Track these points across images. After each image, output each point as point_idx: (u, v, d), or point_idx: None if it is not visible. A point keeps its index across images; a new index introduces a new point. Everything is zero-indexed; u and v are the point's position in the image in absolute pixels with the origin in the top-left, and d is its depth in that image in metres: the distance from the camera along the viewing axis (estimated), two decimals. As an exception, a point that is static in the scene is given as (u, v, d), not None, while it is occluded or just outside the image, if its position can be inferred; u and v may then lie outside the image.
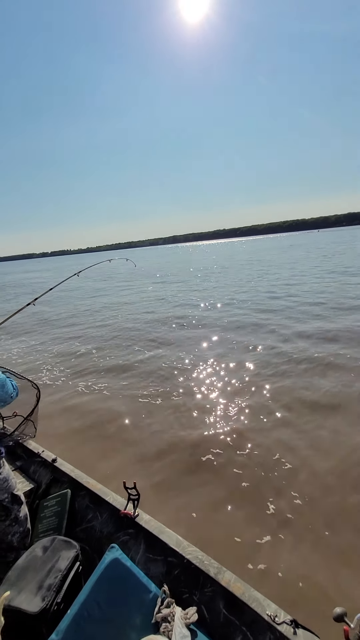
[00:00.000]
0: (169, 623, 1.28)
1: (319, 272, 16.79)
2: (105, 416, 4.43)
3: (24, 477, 2.33)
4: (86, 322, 10.54)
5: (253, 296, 12.06)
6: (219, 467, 3.24)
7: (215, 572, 1.40)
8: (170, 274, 24.69)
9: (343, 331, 6.97)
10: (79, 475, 2.12)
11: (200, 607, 1.37)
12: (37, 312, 11.83)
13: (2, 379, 1.56)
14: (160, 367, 6.00)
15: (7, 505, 1.70)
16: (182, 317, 9.93)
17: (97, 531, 1.85)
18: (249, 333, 7.69)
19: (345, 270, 16.14)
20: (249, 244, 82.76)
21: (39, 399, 2.45)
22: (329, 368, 5.27)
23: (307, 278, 15.09)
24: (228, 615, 1.31)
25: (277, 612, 1.22)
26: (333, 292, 11.10)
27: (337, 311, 8.70)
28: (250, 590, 1.31)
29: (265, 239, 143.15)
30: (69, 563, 1.47)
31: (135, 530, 1.70)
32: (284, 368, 5.46)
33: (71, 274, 3.43)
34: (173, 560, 1.53)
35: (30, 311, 4.81)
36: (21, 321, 10.88)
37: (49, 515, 2.00)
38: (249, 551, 2.35)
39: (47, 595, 1.33)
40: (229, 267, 25.25)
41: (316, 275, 15.55)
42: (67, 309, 13.28)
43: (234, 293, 13.20)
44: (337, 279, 13.78)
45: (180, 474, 3.19)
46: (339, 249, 30.67)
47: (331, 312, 8.70)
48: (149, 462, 3.38)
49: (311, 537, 2.43)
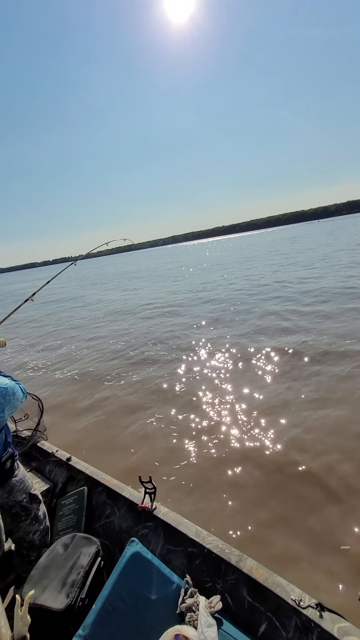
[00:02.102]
0: (194, 612, 1.28)
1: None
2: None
3: (40, 478, 2.35)
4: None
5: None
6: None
7: (236, 560, 1.40)
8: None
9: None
10: (94, 472, 2.12)
11: (224, 595, 1.37)
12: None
13: (12, 387, 1.55)
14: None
15: (26, 505, 1.72)
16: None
17: (116, 526, 1.86)
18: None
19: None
20: (245, 240, 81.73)
21: (42, 410, 2.59)
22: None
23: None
24: (252, 602, 1.31)
25: (302, 597, 1.21)
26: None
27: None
28: (274, 576, 1.31)
29: (264, 233, 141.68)
30: (90, 559, 1.48)
31: (154, 523, 1.70)
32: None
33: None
34: (194, 551, 1.53)
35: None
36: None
37: (68, 513, 2.01)
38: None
39: (71, 591, 1.34)
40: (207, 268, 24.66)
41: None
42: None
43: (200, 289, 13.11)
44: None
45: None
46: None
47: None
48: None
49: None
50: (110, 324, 10.09)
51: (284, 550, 2.24)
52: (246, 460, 3.16)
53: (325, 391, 4.15)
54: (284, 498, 2.67)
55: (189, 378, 5.21)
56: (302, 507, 2.56)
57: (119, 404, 4.73)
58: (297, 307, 8.26)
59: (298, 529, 2.39)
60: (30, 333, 10.37)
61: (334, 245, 23.13)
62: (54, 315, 13.43)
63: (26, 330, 10.93)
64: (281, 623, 1.22)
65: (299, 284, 11.03)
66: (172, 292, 14.23)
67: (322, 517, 2.45)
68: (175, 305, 11.23)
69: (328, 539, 2.28)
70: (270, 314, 8.01)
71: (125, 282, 22.24)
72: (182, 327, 8.27)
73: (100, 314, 11.96)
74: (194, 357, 6.11)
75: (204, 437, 3.61)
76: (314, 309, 7.79)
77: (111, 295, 16.72)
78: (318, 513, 2.49)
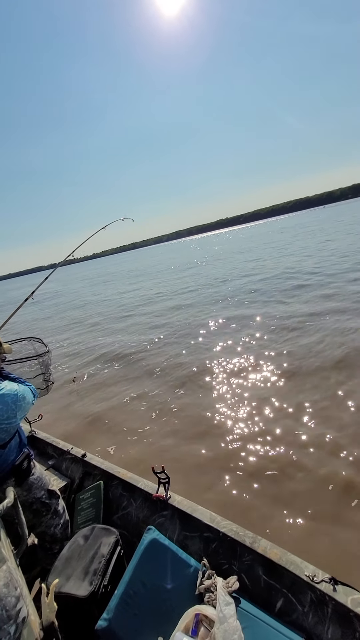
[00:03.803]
0: (212, 593, 1.33)
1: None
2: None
3: (57, 475, 2.42)
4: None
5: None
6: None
7: (251, 542, 1.44)
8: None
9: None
10: (110, 466, 2.19)
11: (241, 575, 1.41)
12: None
13: (22, 391, 1.58)
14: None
15: (46, 501, 1.78)
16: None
17: (133, 516, 1.92)
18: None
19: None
20: (245, 231, 79.86)
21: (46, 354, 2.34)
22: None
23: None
24: (268, 580, 1.35)
25: (315, 572, 1.25)
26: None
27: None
28: (287, 555, 1.35)
29: (266, 222, 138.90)
30: (110, 548, 1.54)
31: (170, 511, 1.76)
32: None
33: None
34: (209, 535, 1.58)
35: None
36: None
37: (86, 507, 2.08)
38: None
39: (94, 579, 1.40)
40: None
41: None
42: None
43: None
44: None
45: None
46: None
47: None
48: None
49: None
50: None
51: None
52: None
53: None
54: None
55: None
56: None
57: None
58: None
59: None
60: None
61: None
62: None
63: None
64: (297, 598, 1.26)
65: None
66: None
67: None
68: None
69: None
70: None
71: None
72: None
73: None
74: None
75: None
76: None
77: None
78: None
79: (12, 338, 2.22)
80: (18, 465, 1.62)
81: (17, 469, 1.62)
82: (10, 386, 1.54)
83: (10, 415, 1.49)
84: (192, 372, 5.24)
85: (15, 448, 1.62)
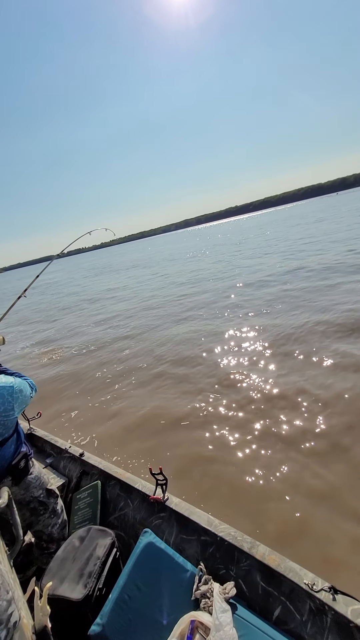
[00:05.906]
0: (209, 599, 1.31)
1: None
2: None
3: (55, 474, 2.41)
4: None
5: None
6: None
7: (249, 547, 1.41)
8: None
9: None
10: (107, 466, 2.16)
11: (238, 581, 1.39)
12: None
13: (19, 383, 1.56)
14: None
15: (44, 500, 1.77)
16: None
17: (130, 518, 1.90)
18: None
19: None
20: (249, 221, 79.18)
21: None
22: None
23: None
24: (266, 587, 1.32)
25: (315, 580, 1.22)
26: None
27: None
28: (286, 562, 1.32)
29: (274, 211, 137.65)
30: (106, 550, 1.51)
31: (167, 513, 1.73)
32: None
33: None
34: (206, 539, 1.55)
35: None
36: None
37: (83, 507, 2.06)
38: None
39: (89, 582, 1.37)
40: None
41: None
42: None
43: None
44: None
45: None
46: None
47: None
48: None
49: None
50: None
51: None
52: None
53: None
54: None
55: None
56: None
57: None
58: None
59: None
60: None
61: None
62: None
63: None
64: (295, 607, 1.23)
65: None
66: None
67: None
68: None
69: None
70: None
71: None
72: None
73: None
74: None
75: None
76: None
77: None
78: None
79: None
80: (15, 465, 1.60)
81: (15, 468, 1.60)
82: (5, 379, 1.52)
83: (8, 407, 1.47)
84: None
85: (13, 446, 1.60)
